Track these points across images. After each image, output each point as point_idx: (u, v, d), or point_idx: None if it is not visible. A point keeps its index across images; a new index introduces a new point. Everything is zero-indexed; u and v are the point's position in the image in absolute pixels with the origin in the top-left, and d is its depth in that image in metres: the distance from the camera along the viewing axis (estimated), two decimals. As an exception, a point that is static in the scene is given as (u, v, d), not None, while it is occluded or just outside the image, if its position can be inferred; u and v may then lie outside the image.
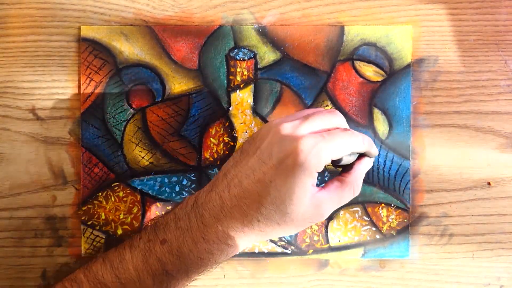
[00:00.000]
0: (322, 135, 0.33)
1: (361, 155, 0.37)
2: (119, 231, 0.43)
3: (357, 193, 0.36)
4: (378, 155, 0.43)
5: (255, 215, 0.33)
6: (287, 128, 0.34)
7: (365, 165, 0.37)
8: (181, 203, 0.37)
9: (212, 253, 0.35)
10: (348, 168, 0.37)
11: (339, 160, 0.35)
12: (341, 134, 0.34)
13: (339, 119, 0.36)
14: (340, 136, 0.34)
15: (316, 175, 0.33)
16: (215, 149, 0.43)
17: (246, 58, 0.43)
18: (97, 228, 0.43)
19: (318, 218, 0.34)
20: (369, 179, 0.43)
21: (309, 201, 0.33)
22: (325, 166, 0.41)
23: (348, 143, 0.34)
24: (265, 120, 0.43)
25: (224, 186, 0.34)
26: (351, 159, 0.36)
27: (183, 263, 0.35)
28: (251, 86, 0.43)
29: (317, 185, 0.36)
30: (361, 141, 0.35)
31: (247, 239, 0.35)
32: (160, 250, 0.35)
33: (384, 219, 0.43)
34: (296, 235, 0.43)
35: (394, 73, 0.43)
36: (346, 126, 0.36)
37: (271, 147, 0.33)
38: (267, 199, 0.33)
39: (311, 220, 0.34)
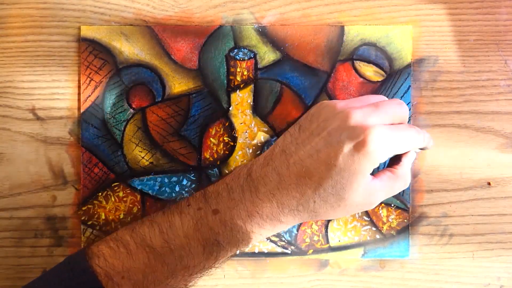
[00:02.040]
0: (391, 128, 0.34)
1: None
2: (119, 231, 0.43)
3: (408, 185, 0.37)
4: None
5: (313, 195, 0.33)
6: (357, 115, 0.34)
7: (411, 157, 0.37)
8: (231, 174, 0.36)
9: (264, 227, 0.35)
10: (395, 159, 0.37)
11: None
12: (408, 130, 0.35)
13: (405, 112, 0.36)
14: (407, 133, 0.35)
15: (378, 165, 0.34)
16: (215, 149, 0.43)
17: (246, 58, 0.43)
18: (97, 228, 0.43)
19: (368, 206, 0.35)
20: (369, 179, 0.43)
21: (364, 189, 0.34)
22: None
23: (414, 140, 0.35)
24: (265, 120, 0.43)
25: (282, 161, 0.34)
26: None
27: (235, 235, 0.35)
28: (251, 86, 0.43)
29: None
30: (423, 139, 0.36)
31: (299, 217, 0.35)
32: (212, 219, 0.34)
33: (384, 219, 0.43)
34: (296, 235, 0.43)
35: (394, 73, 0.43)
36: (407, 119, 0.36)
37: (340, 131, 0.33)
38: (328, 182, 0.33)
39: (362, 207, 0.35)
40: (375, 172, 0.35)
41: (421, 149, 0.37)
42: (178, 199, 0.38)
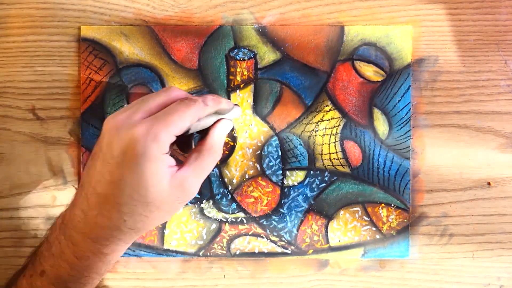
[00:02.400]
0: (156, 117, 0.32)
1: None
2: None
3: (217, 157, 0.35)
4: (379, 154, 0.43)
5: (119, 216, 0.32)
6: (121, 119, 0.32)
7: (222, 127, 0.36)
8: (52, 226, 0.35)
9: (91, 267, 0.34)
10: (204, 134, 0.36)
11: (195, 129, 0.35)
12: (175, 107, 0.33)
13: (175, 93, 0.34)
14: (174, 110, 0.33)
15: (165, 157, 0.32)
16: (215, 149, 0.43)
17: (246, 58, 0.43)
18: (97, 228, 0.43)
19: (186, 196, 0.34)
20: (369, 179, 0.43)
21: (169, 184, 0.32)
22: (326, 167, 0.40)
23: (187, 114, 0.33)
24: (265, 120, 0.43)
25: (83, 198, 0.33)
26: (209, 122, 0.35)
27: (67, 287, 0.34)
28: (251, 86, 0.43)
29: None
30: (201, 106, 0.34)
31: (121, 241, 0.34)
32: (41, 283, 0.34)
33: (384, 219, 0.43)
34: (296, 235, 0.43)
35: (394, 73, 0.43)
36: (188, 95, 0.35)
37: (110, 145, 0.32)
38: (124, 197, 0.32)
39: (180, 201, 0.33)
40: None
41: (222, 114, 0.36)
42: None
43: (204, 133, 0.36)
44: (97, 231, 0.33)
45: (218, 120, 0.36)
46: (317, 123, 0.43)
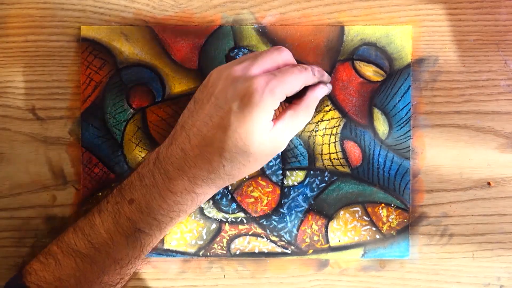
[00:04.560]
0: (274, 73, 0.34)
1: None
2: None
3: (309, 117, 0.37)
4: (378, 154, 0.43)
5: (220, 160, 0.34)
6: (238, 70, 0.34)
7: (320, 91, 0.38)
8: (143, 162, 0.37)
9: (181, 203, 0.35)
10: (298, 95, 0.37)
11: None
12: (291, 70, 0.35)
13: (286, 55, 0.37)
14: (290, 73, 0.35)
15: (273, 112, 0.34)
16: (215, 149, 0.43)
17: (246, 58, 0.43)
18: (97, 228, 0.43)
19: (277, 149, 0.36)
20: (369, 179, 0.43)
21: (268, 136, 0.34)
22: (326, 167, 0.41)
23: (299, 78, 0.35)
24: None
25: (184, 137, 0.35)
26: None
27: (154, 218, 0.35)
28: (251, 86, 0.43)
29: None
30: (311, 75, 0.37)
31: (215, 185, 0.36)
32: (129, 209, 0.35)
33: (384, 219, 0.43)
34: (296, 235, 0.43)
35: (394, 73, 0.43)
36: (294, 61, 0.37)
37: (225, 91, 0.34)
38: (229, 143, 0.33)
39: (273, 153, 0.36)
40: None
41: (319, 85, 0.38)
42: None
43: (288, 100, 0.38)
44: (195, 171, 0.34)
45: (318, 84, 0.38)
46: (317, 123, 0.43)
